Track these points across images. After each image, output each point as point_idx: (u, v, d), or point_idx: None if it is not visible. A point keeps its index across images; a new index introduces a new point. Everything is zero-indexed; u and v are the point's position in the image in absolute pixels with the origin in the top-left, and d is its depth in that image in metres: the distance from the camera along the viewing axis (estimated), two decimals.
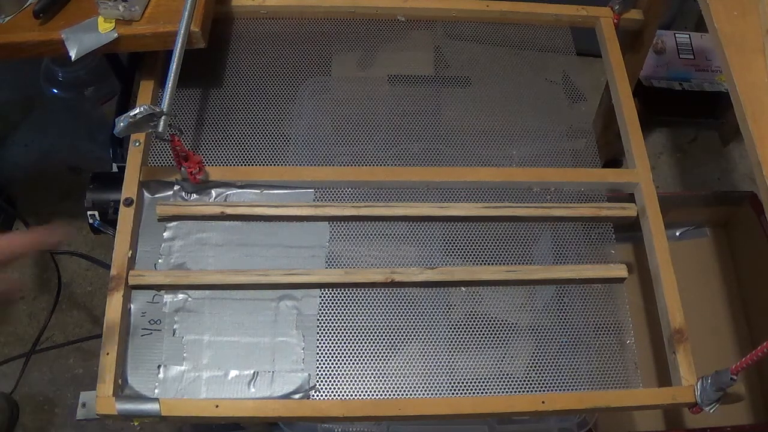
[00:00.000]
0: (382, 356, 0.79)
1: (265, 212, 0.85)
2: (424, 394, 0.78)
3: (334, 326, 0.80)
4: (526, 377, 0.79)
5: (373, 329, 0.80)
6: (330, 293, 0.82)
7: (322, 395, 0.76)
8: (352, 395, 0.77)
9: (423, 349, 0.80)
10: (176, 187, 0.87)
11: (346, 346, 0.79)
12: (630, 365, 0.81)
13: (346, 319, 0.81)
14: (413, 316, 0.82)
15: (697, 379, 0.76)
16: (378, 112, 0.99)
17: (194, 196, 0.87)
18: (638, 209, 0.89)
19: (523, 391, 0.78)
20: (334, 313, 0.81)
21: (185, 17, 0.85)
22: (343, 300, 0.82)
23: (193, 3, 0.86)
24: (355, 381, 0.77)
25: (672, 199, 1.37)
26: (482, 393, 0.78)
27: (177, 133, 0.79)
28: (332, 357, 0.78)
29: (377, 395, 0.77)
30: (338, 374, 0.77)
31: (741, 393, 0.75)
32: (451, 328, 0.82)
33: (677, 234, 1.39)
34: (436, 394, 0.78)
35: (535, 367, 0.80)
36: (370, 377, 0.78)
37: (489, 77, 1.05)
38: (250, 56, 1.00)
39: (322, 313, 0.81)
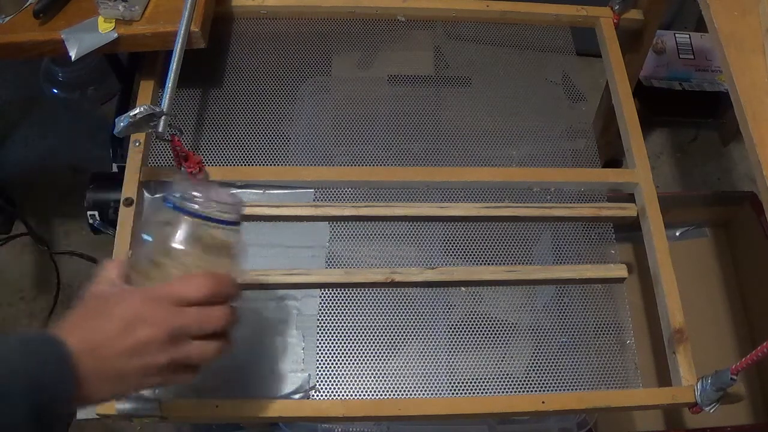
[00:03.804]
0: (382, 356, 0.79)
1: (265, 212, 0.85)
2: (424, 394, 0.78)
3: (334, 326, 0.80)
4: (526, 377, 0.79)
5: (373, 329, 0.80)
6: (330, 293, 0.82)
7: (322, 395, 0.76)
8: (352, 395, 0.77)
9: (423, 349, 0.80)
10: None
11: (346, 346, 0.79)
12: (630, 365, 0.81)
13: (346, 319, 0.81)
14: (413, 316, 0.82)
15: (697, 379, 0.76)
16: (378, 112, 0.99)
17: None
18: (638, 209, 0.89)
19: (523, 391, 0.78)
20: (334, 313, 0.81)
21: (185, 17, 0.85)
22: (343, 300, 0.82)
23: (193, 3, 0.86)
24: (355, 381, 0.77)
25: (672, 199, 1.37)
26: (482, 393, 0.78)
27: (177, 133, 0.79)
28: (332, 357, 0.78)
29: (377, 395, 0.77)
30: (338, 374, 0.77)
31: (741, 393, 0.75)
32: (451, 328, 0.82)
33: (677, 234, 1.39)
34: (436, 394, 0.78)
35: (535, 367, 0.80)
36: (370, 377, 0.78)
37: (489, 77, 1.05)
38: (250, 56, 1.00)
39: (322, 313, 0.81)
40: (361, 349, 0.79)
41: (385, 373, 0.78)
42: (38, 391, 0.49)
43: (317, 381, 0.77)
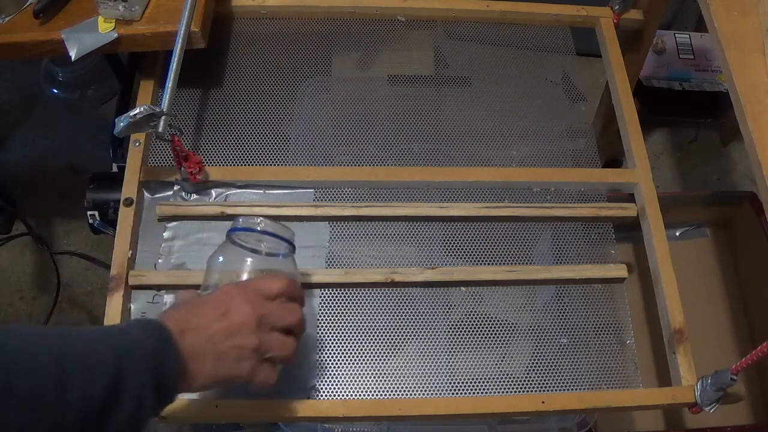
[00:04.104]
0: (382, 356, 0.79)
1: (265, 212, 0.85)
2: (424, 394, 0.78)
3: (334, 326, 0.80)
4: (526, 377, 0.79)
5: (373, 329, 0.80)
6: (330, 293, 0.82)
7: (322, 395, 0.76)
8: (352, 395, 0.77)
9: (423, 349, 0.80)
10: (176, 187, 0.87)
11: (346, 346, 0.79)
12: (630, 365, 0.81)
13: (346, 319, 0.81)
14: (413, 316, 0.82)
15: (697, 379, 0.76)
16: (378, 112, 0.99)
17: (194, 196, 0.87)
18: (638, 209, 0.89)
19: (523, 391, 0.78)
20: (334, 313, 0.81)
21: (185, 17, 0.85)
22: (343, 300, 0.82)
23: (193, 3, 0.86)
24: (355, 381, 0.77)
25: (672, 199, 1.37)
26: (482, 393, 0.78)
27: (177, 133, 0.79)
28: (332, 357, 0.78)
29: (377, 395, 0.77)
30: (338, 374, 0.77)
31: (741, 393, 0.75)
32: (451, 328, 0.82)
33: (677, 234, 1.39)
34: (436, 394, 0.78)
35: (535, 367, 0.80)
36: (370, 377, 0.78)
37: (489, 77, 1.05)
38: (250, 56, 1.00)
39: (322, 313, 0.81)
40: (361, 349, 0.79)
41: (385, 373, 0.78)
42: (156, 365, 0.53)
43: (317, 381, 0.77)
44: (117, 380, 0.50)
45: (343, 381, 0.77)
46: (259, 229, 0.66)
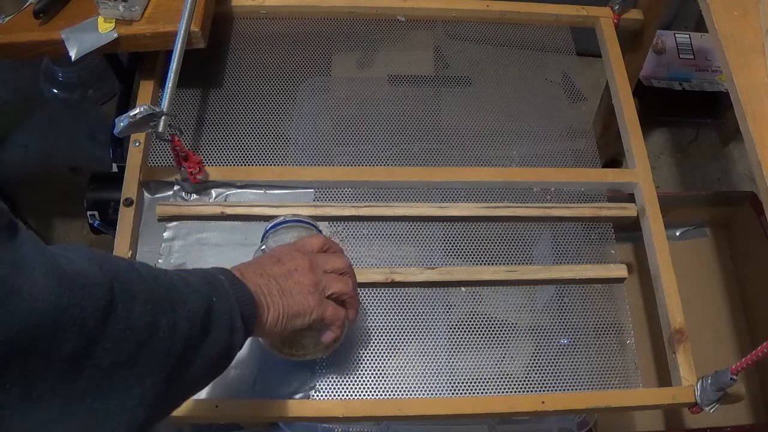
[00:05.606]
0: (382, 356, 0.79)
1: (265, 212, 0.85)
2: (424, 394, 0.78)
3: None
4: (526, 377, 0.79)
5: (373, 329, 0.80)
6: None
7: (322, 395, 0.76)
8: (352, 395, 0.77)
9: (423, 349, 0.80)
10: (176, 187, 0.87)
11: (346, 346, 0.79)
12: (630, 365, 0.81)
13: None
14: (413, 316, 0.82)
15: (697, 379, 0.76)
16: (378, 112, 0.99)
17: (194, 196, 0.87)
18: (638, 209, 0.89)
19: (523, 391, 0.78)
20: None
21: (185, 17, 0.85)
22: None
23: (193, 3, 0.86)
24: (355, 381, 0.77)
25: (672, 199, 1.37)
26: (482, 393, 0.78)
27: (177, 133, 0.79)
28: (332, 357, 0.78)
29: (377, 395, 0.77)
30: (338, 374, 0.77)
31: (741, 393, 0.75)
32: (451, 328, 0.82)
33: (677, 234, 1.39)
34: (436, 394, 0.78)
35: (535, 367, 0.80)
36: (370, 377, 0.78)
37: (489, 77, 1.05)
38: (250, 56, 1.00)
39: None
40: (361, 349, 0.79)
41: (385, 373, 0.78)
42: (234, 294, 0.56)
43: (317, 381, 0.77)
44: (210, 304, 0.52)
45: (342, 381, 0.77)
46: (292, 218, 0.74)
